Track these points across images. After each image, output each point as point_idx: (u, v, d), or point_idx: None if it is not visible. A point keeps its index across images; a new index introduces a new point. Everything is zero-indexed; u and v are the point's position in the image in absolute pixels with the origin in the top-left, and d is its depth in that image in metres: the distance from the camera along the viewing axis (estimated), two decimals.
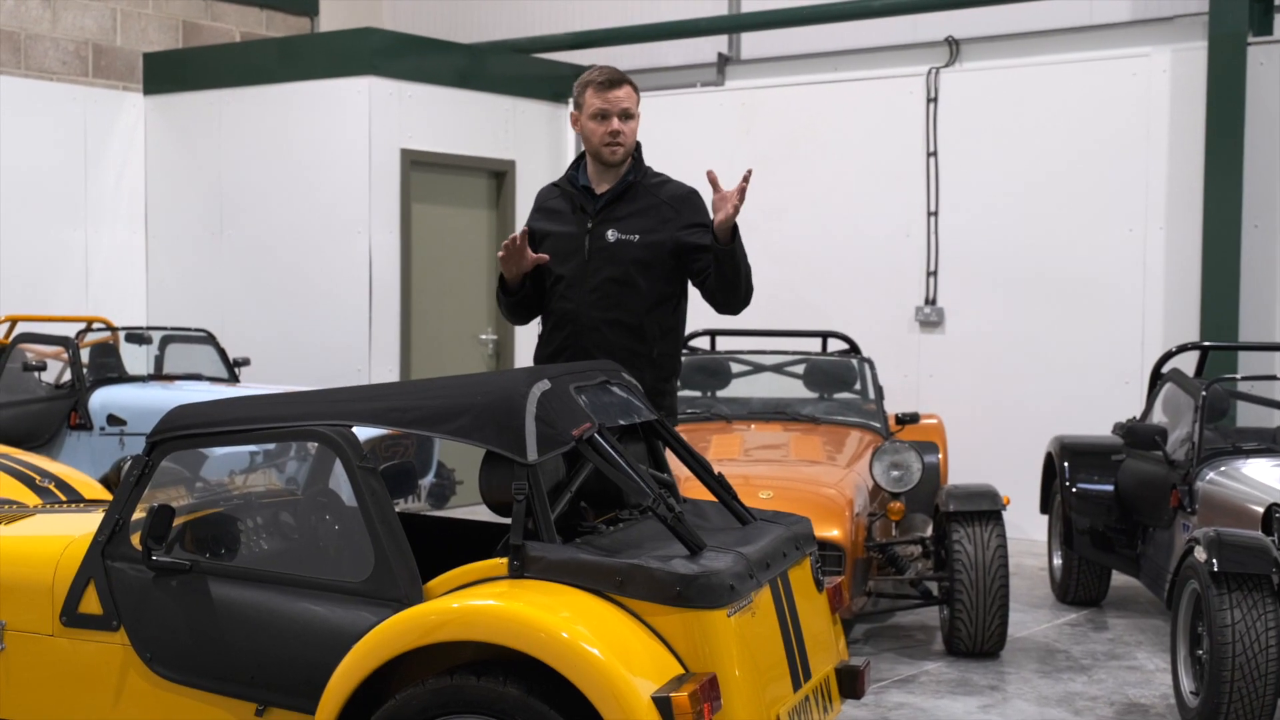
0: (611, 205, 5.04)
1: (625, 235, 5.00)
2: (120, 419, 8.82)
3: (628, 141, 5.05)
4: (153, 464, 4.11)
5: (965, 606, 6.57)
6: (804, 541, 4.36)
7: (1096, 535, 7.57)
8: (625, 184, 5.06)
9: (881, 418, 8.11)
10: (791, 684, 3.94)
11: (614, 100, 5.02)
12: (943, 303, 10.50)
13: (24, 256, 11.21)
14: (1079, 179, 10.01)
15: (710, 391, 8.50)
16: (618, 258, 4.99)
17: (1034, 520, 8.94)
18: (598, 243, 5.00)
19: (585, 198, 5.07)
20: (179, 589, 3.96)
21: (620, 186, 5.06)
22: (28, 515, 4.70)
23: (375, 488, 3.84)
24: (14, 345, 9.42)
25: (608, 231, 5.00)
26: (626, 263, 4.98)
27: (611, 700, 3.40)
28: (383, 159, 10.74)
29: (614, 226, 5.01)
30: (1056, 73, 10.14)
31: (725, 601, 3.62)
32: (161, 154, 11.86)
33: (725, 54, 11.67)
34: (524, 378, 3.96)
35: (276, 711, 3.83)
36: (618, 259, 4.98)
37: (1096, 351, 9.91)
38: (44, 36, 11.52)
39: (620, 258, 4.98)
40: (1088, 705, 6.07)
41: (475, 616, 3.55)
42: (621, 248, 4.99)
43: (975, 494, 6.73)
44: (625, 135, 5.03)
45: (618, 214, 5.03)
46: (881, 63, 10.89)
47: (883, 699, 6.08)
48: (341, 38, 11.34)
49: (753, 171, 4.97)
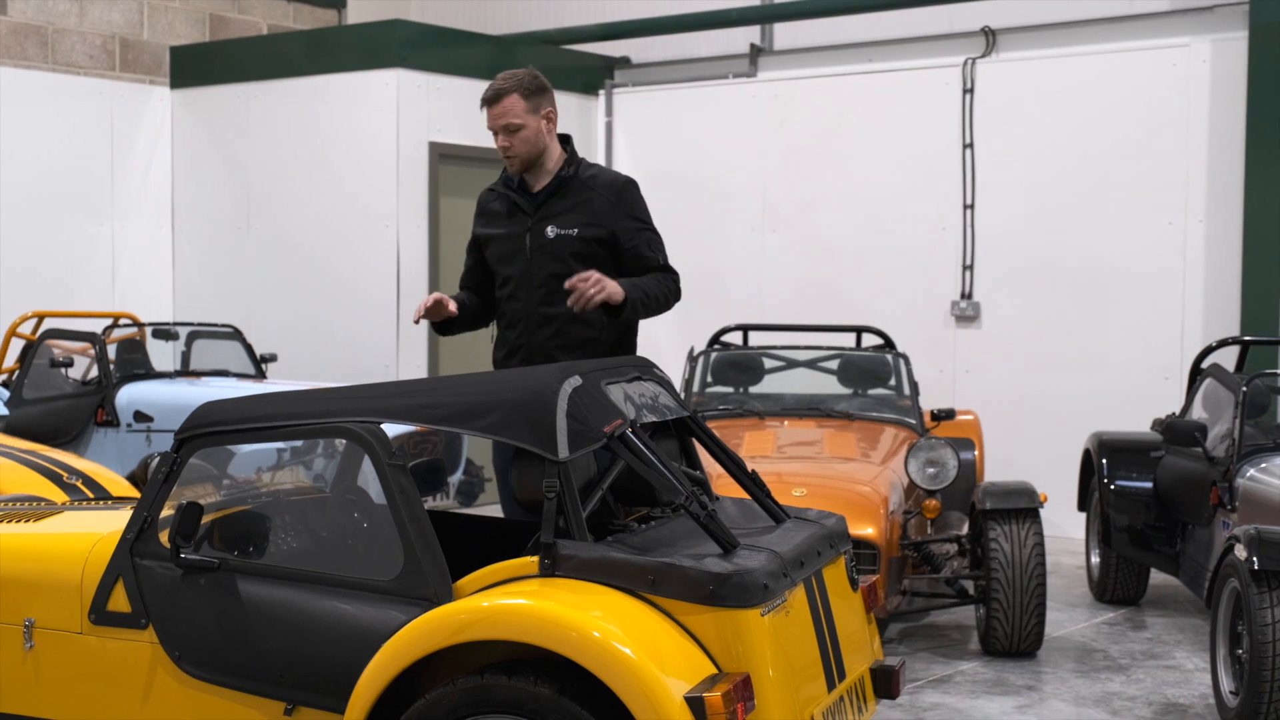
0: (548, 202, 5.12)
1: (564, 230, 5.08)
2: (147, 415, 8.81)
3: (520, 151, 5.10)
4: (181, 461, 4.09)
5: (1002, 605, 6.49)
6: (838, 540, 4.31)
7: (1135, 533, 7.48)
8: (559, 180, 5.13)
9: (917, 414, 8.03)
10: (826, 684, 3.89)
11: (495, 117, 5.14)
12: (979, 297, 10.40)
13: (51, 251, 11.22)
14: (1117, 171, 9.90)
15: (743, 387, 8.44)
16: (558, 253, 5.07)
17: (1071, 518, 8.85)
18: (538, 240, 5.09)
19: (522, 197, 5.15)
20: (207, 587, 3.93)
21: (554, 183, 5.13)
22: (56, 512, 4.69)
23: (405, 485, 3.80)
24: (41, 341, 9.44)
25: (547, 228, 5.09)
26: (567, 257, 5.06)
27: (644, 700, 3.35)
28: (411, 152, 10.70)
29: (552, 223, 5.09)
30: (1095, 63, 10.03)
31: (759, 600, 3.57)
32: (188, 148, 11.85)
33: (758, 45, 11.59)
34: (555, 374, 3.92)
35: (306, 710, 3.80)
36: (558, 254, 5.07)
37: (1135, 346, 9.80)
38: (71, 31, 11.52)
39: (560, 253, 5.07)
40: (1126, 705, 5.99)
41: (506, 615, 3.51)
42: (561, 242, 5.07)
43: (1012, 491, 6.65)
44: (515, 146, 5.09)
45: (555, 210, 5.11)
46: (916, 53, 10.79)
47: (918, 699, 6.01)
48: (369, 30, 11.30)
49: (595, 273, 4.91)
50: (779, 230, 11.22)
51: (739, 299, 11.17)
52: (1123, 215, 9.87)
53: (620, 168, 11.98)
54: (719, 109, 11.53)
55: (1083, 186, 10.02)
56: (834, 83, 11.05)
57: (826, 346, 8.71)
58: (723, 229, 11.46)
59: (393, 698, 3.61)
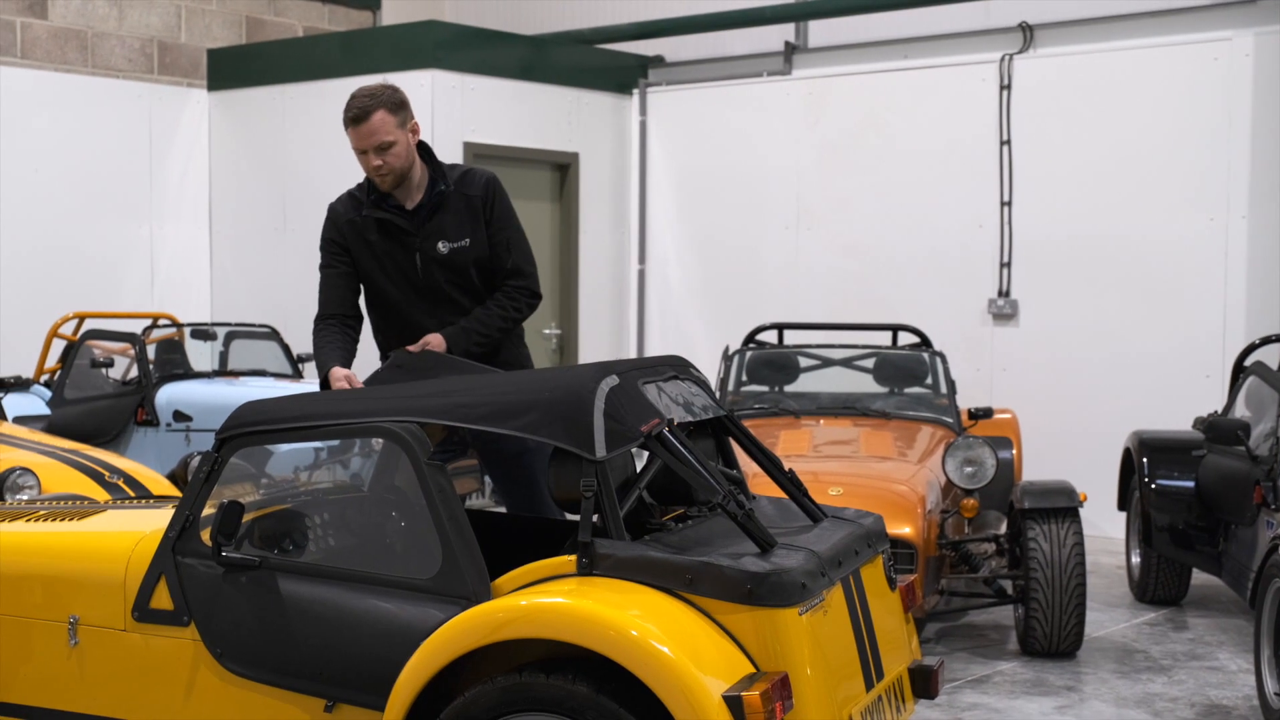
0: (433, 218, 5.03)
1: (456, 243, 5.03)
2: (186, 415, 8.87)
3: (395, 167, 4.96)
4: (222, 461, 4.11)
5: (1041, 605, 6.45)
6: (876, 539, 4.29)
7: (1176, 532, 7.42)
8: (440, 195, 5.03)
9: (954, 413, 8.00)
10: (864, 683, 3.88)
11: (365, 136, 4.93)
12: (1016, 294, 10.36)
13: (91, 253, 11.31)
14: (1158, 167, 9.83)
15: (778, 386, 8.42)
16: (454, 264, 5.04)
17: (1111, 517, 8.79)
18: (429, 256, 5.02)
19: (399, 216, 5.02)
20: (249, 585, 3.95)
21: (435, 199, 5.03)
22: (99, 511, 4.73)
23: (442, 484, 3.81)
24: (82, 342, 9.52)
25: (438, 244, 5.02)
26: (466, 267, 5.05)
27: (682, 699, 3.35)
28: (446, 152, 10.59)
29: (441, 238, 5.02)
30: (1134, 58, 9.96)
31: (797, 600, 3.56)
32: (225, 149, 11.92)
33: (792, 42, 11.57)
34: (592, 373, 3.92)
35: (346, 708, 3.82)
36: (455, 266, 5.04)
37: (1176, 344, 9.73)
38: (110, 35, 11.61)
39: (457, 264, 5.04)
40: (1168, 706, 5.95)
41: (544, 614, 3.52)
42: (457, 254, 5.03)
43: (1051, 490, 6.61)
44: (388, 164, 4.95)
45: (441, 225, 5.03)
46: (953, 49, 10.75)
47: (956, 699, 5.98)
48: (404, 31, 11.34)
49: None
50: (814, 228, 11.20)
51: (774, 298, 11.16)
52: (1163, 211, 9.81)
53: (654, 167, 11.99)
54: (753, 107, 11.52)
55: (1122, 183, 9.95)
56: (869, 80, 11.02)
57: (862, 345, 8.68)
58: (757, 227, 11.45)
59: (432, 695, 3.62)
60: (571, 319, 11.72)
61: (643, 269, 12.08)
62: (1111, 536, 9.22)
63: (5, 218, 10.82)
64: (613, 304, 12.04)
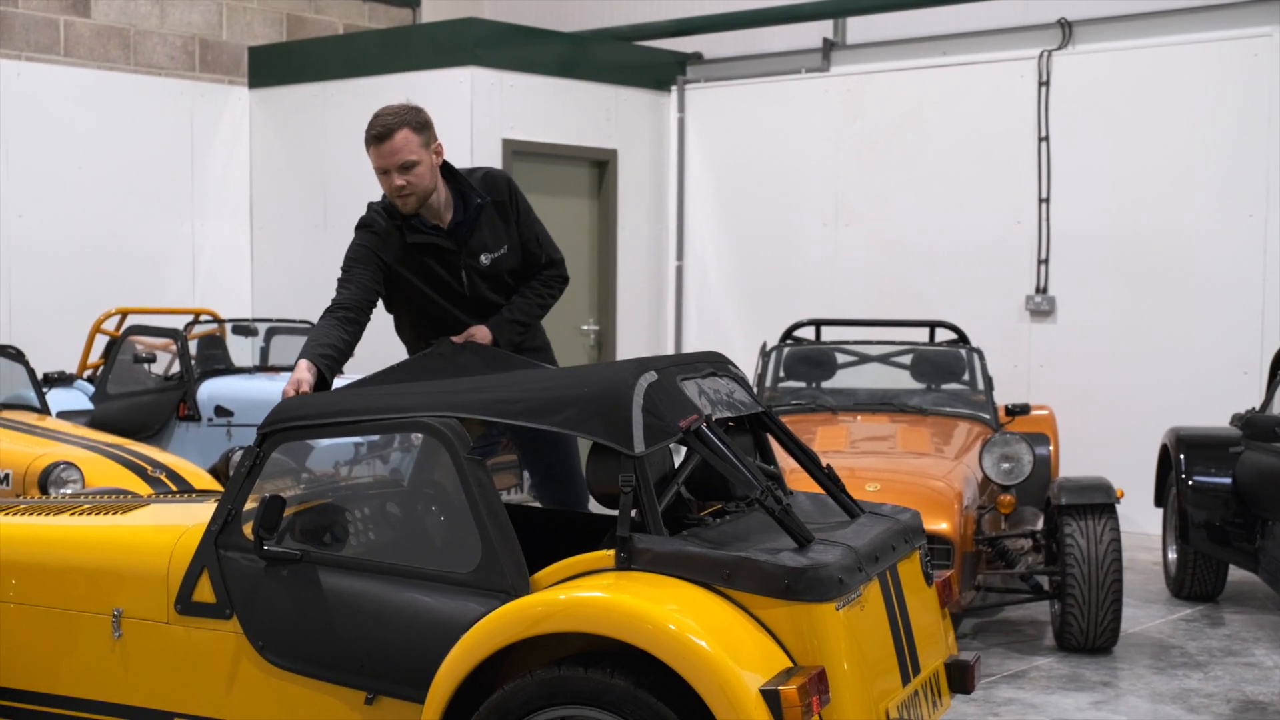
0: (472, 236, 5.00)
1: (495, 253, 5.04)
2: (227, 410, 8.93)
3: (418, 188, 4.86)
4: (263, 455, 4.14)
5: (1077, 601, 6.45)
6: (913, 535, 4.31)
7: (1213, 529, 7.40)
8: (478, 209, 4.99)
9: (991, 409, 7.99)
10: (900, 678, 3.89)
11: (387, 155, 4.82)
12: (1054, 291, 10.32)
13: (134, 249, 11.41)
14: (1196, 163, 9.78)
15: (815, 382, 8.42)
16: (496, 274, 5.06)
17: (1148, 514, 8.77)
18: (474, 269, 5.02)
19: (439, 236, 4.97)
20: (290, 578, 3.99)
21: (474, 213, 4.99)
22: (142, 505, 4.78)
23: (482, 479, 3.84)
24: (125, 338, 9.60)
25: (480, 257, 5.02)
26: (504, 273, 5.07)
27: (719, 693, 3.37)
28: (485, 149, 10.76)
29: (483, 251, 5.02)
30: (1173, 54, 9.91)
31: (834, 595, 3.58)
32: (266, 147, 12.00)
33: (830, 39, 11.56)
34: (631, 369, 3.94)
35: (386, 700, 3.85)
36: (496, 275, 5.06)
37: (1214, 340, 9.69)
38: (152, 33, 11.70)
39: (498, 271, 5.06)
40: (1204, 702, 5.93)
41: (583, 608, 3.54)
42: (498, 263, 5.05)
43: (1088, 486, 6.60)
44: (411, 185, 4.84)
45: (481, 236, 5.01)
46: (991, 46, 10.72)
47: (992, 694, 5.98)
48: (443, 28, 11.39)
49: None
50: (852, 225, 11.19)
51: (812, 294, 11.16)
52: (1202, 208, 9.76)
53: (692, 164, 12.00)
54: (791, 104, 11.51)
55: (1161, 179, 9.91)
56: (907, 76, 11.00)
57: (900, 341, 8.68)
58: (795, 224, 11.45)
59: (471, 688, 3.65)
60: (609, 315, 11.75)
61: (680, 265, 12.09)
62: (1148, 533, 9.19)
63: (49, 215, 10.92)
64: (651, 300, 12.06)
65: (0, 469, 7.20)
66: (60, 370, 9.75)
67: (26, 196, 10.81)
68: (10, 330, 10.42)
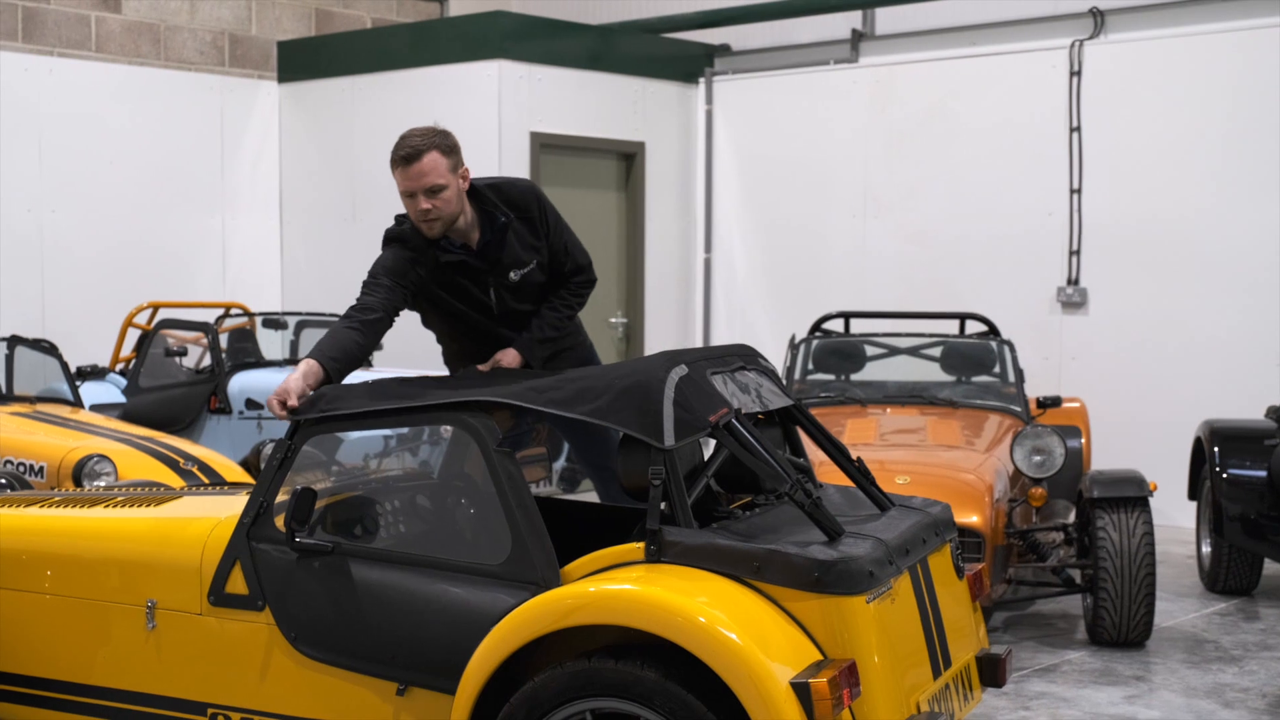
0: (501, 254, 4.93)
1: (524, 269, 4.96)
2: (258, 403, 8.98)
3: (444, 214, 4.73)
4: (295, 447, 4.16)
5: (1109, 595, 6.41)
6: (944, 528, 4.30)
7: (1248, 522, 7.35)
8: (503, 229, 4.89)
9: (1022, 401, 7.96)
10: (931, 671, 3.89)
11: (415, 177, 4.68)
12: (1086, 283, 10.27)
13: (164, 244, 11.47)
14: (1229, 154, 9.71)
15: (845, 375, 8.40)
16: (524, 289, 4.99)
17: (1182, 507, 8.72)
18: (503, 286, 4.95)
19: (467, 255, 4.89)
20: (322, 570, 4.01)
21: (498, 233, 4.89)
22: (175, 497, 4.80)
23: (512, 472, 3.85)
24: (156, 331, 9.65)
25: (509, 274, 4.94)
26: (533, 287, 5.01)
27: (750, 685, 3.37)
28: (513, 142, 10.78)
29: (511, 268, 4.94)
30: (1206, 43, 9.84)
31: (864, 588, 3.57)
32: (296, 141, 12.04)
33: (859, 30, 11.53)
34: (662, 363, 3.95)
35: (417, 691, 3.87)
36: (525, 290, 4.99)
37: (1248, 332, 9.62)
38: (182, 28, 11.75)
39: (527, 287, 4.99)
40: (1238, 697, 5.90)
41: (613, 600, 3.55)
42: (527, 278, 4.98)
43: (1120, 479, 6.57)
44: (437, 209, 4.70)
45: (509, 254, 4.94)
46: (1022, 36, 10.67)
47: (1023, 688, 5.96)
48: (471, 22, 11.40)
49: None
50: (881, 217, 11.16)
51: (840, 286, 11.13)
52: (1235, 199, 9.69)
53: (721, 156, 11.98)
54: (820, 95, 11.49)
55: (1193, 170, 9.84)
56: (937, 67, 10.96)
57: (929, 334, 8.65)
58: (824, 216, 11.42)
59: (501, 680, 3.66)
60: (637, 308, 11.75)
61: (709, 258, 12.08)
62: (1182, 526, 9.14)
63: (81, 210, 10.99)
64: (679, 293, 12.06)
65: (34, 461, 7.25)
66: (93, 364, 9.82)
67: (59, 192, 10.89)
68: (44, 324, 10.50)
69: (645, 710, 3.47)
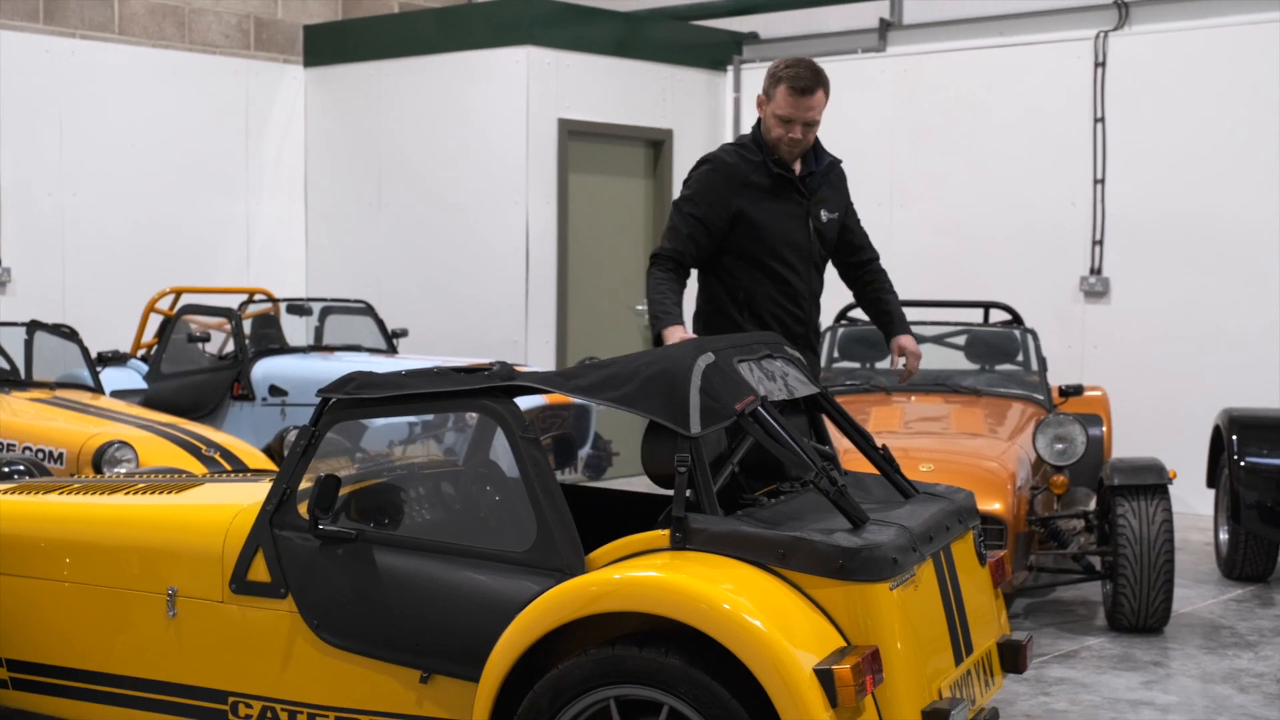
0: (820, 188, 5.10)
1: (831, 215, 5.11)
2: (282, 389, 8.98)
3: (807, 145, 5.05)
4: (318, 434, 4.15)
5: (1129, 581, 6.43)
6: (966, 515, 4.31)
7: (1265, 510, 7.36)
8: (829, 165, 5.12)
9: (1045, 390, 7.96)
10: (953, 658, 3.90)
11: (803, 108, 5.00)
12: (1109, 272, 10.25)
13: (188, 229, 11.48)
14: (1253, 145, 9.67)
15: (869, 363, 8.41)
16: (827, 237, 5.11)
17: (1200, 494, 8.71)
18: (816, 224, 5.07)
19: (792, 177, 5.05)
20: (345, 558, 4.01)
21: (825, 167, 5.10)
22: (197, 484, 4.79)
23: (537, 459, 3.85)
24: (179, 317, 9.65)
25: (820, 212, 5.08)
26: (832, 240, 5.14)
27: (774, 672, 3.38)
28: (540, 129, 10.78)
29: (823, 207, 5.09)
30: (1230, 34, 9.80)
31: (888, 575, 3.58)
32: (321, 126, 12.05)
33: (887, 19, 11.49)
34: (690, 350, 3.96)
35: (441, 679, 3.86)
36: (827, 238, 5.12)
37: (1269, 322, 9.59)
38: (207, 10, 11.77)
39: (828, 236, 5.12)
40: (1254, 682, 5.91)
41: (638, 588, 3.55)
42: (829, 227, 5.11)
43: (1141, 467, 6.59)
44: (806, 140, 5.03)
45: (824, 195, 5.11)
46: (1047, 26, 10.63)
47: (1044, 674, 5.98)
48: (499, 7, 11.39)
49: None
50: (907, 206, 11.14)
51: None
52: (1258, 189, 9.65)
53: None
54: (847, 84, 11.39)
55: (1217, 160, 9.81)
56: (964, 57, 10.93)
57: (954, 322, 8.66)
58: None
59: (526, 667, 3.67)
60: None
61: None
62: (1200, 513, 9.13)
63: (104, 193, 11.01)
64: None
65: (54, 448, 7.26)
66: (114, 349, 9.78)
67: (81, 175, 10.91)
68: (65, 309, 10.50)
69: (669, 697, 3.48)
